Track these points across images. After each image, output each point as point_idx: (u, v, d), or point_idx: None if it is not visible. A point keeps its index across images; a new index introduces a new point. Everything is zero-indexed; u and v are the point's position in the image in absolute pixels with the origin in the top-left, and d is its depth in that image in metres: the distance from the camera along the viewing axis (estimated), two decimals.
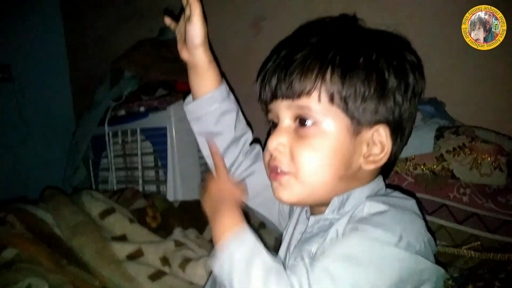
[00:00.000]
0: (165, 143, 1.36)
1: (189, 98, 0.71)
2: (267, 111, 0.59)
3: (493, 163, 0.89)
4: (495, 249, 0.79)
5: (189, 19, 0.63)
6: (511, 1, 0.96)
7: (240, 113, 0.71)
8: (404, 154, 0.98)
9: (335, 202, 0.54)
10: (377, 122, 0.52)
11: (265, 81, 0.56)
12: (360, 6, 1.28)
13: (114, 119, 1.54)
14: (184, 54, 0.66)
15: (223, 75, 0.71)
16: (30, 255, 0.91)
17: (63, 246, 0.97)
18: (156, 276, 0.87)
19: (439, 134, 0.96)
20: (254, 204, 0.73)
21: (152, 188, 1.44)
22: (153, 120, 1.41)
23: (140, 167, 1.46)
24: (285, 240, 0.65)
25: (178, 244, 0.97)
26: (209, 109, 0.67)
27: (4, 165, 2.06)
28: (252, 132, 0.74)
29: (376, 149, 0.53)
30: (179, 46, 0.67)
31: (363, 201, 0.51)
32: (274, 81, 0.54)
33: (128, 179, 1.52)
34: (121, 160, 1.55)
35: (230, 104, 0.69)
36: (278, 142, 0.54)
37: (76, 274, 0.93)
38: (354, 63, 0.51)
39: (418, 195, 0.94)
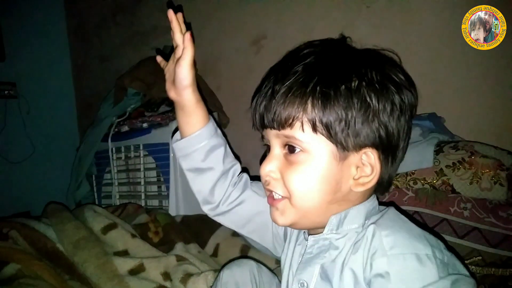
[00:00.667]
0: (168, 158, 1.37)
1: (177, 135, 0.71)
2: (261, 136, 0.61)
3: (493, 178, 0.89)
4: (497, 264, 0.79)
5: (179, 61, 0.64)
6: (511, 1, 0.98)
7: (228, 147, 0.72)
8: (404, 169, 0.99)
9: (333, 221, 0.55)
10: (363, 145, 0.53)
11: (255, 109, 0.58)
12: (359, 23, 1.31)
13: (117, 134, 1.56)
14: (172, 94, 0.67)
15: (210, 112, 0.73)
16: (32, 271, 0.92)
17: (66, 261, 0.97)
18: None
19: (439, 149, 0.97)
20: (246, 231, 0.74)
21: (154, 203, 1.45)
22: (156, 136, 1.42)
23: (142, 182, 1.47)
24: (286, 264, 0.65)
25: (180, 259, 0.97)
26: (198, 147, 0.67)
27: (9, 181, 2.08)
28: (240, 163, 0.76)
29: (367, 170, 0.53)
30: (167, 85, 0.68)
31: (374, 232, 0.50)
32: (262, 110, 0.56)
33: (130, 194, 1.53)
34: (124, 175, 1.56)
35: (217, 139, 0.70)
36: (269, 169, 0.56)
37: None
38: (334, 92, 0.51)
39: (419, 209, 0.94)
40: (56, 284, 0.91)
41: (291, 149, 0.54)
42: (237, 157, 0.76)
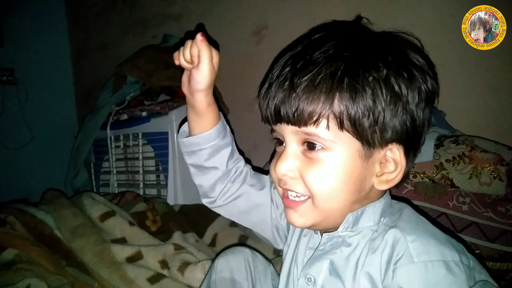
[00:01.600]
0: (166, 147, 1.37)
1: (185, 128, 0.69)
2: (271, 129, 0.56)
3: (493, 173, 0.89)
4: (494, 258, 0.79)
5: (198, 65, 0.60)
6: (511, 1, 0.97)
7: (234, 145, 0.70)
8: None
9: (350, 219, 0.53)
10: (390, 141, 0.50)
11: (268, 100, 0.53)
12: (362, 14, 1.30)
13: (116, 123, 1.56)
14: (185, 90, 0.64)
15: (220, 110, 0.70)
16: (30, 256, 0.91)
17: (63, 248, 0.97)
18: (155, 279, 0.87)
19: (439, 143, 0.97)
20: (245, 223, 0.73)
21: (152, 191, 1.45)
22: (155, 125, 1.42)
23: (141, 170, 1.47)
24: (288, 255, 0.64)
25: (178, 247, 0.97)
26: (204, 147, 0.65)
27: (7, 167, 2.07)
28: (243, 155, 0.74)
29: (390, 166, 0.51)
30: (183, 80, 0.65)
31: (398, 236, 0.48)
32: (278, 103, 0.51)
33: (129, 182, 1.53)
34: (123, 163, 1.56)
35: (225, 140, 0.67)
36: (286, 168, 0.52)
37: (75, 275, 0.94)
38: (362, 83, 0.47)
39: (418, 203, 0.94)
40: (54, 270, 0.91)
41: (310, 145, 0.50)
42: (240, 151, 0.74)
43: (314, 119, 0.48)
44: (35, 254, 0.93)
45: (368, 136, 0.48)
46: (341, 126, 0.48)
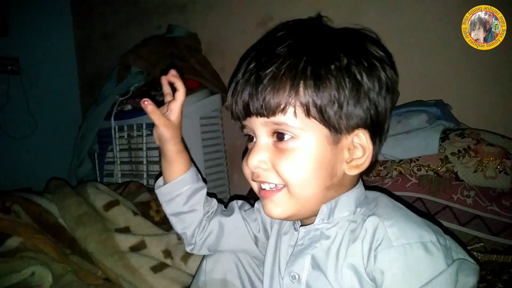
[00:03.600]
0: None
1: (160, 181, 0.73)
2: (241, 126, 0.57)
3: (499, 166, 0.89)
4: (498, 251, 0.79)
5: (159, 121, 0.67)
6: (511, 1, 0.96)
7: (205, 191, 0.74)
8: (409, 155, 0.99)
9: (324, 210, 0.54)
10: (356, 127, 0.51)
11: (237, 97, 0.54)
12: (367, 7, 1.29)
13: (120, 113, 1.55)
14: (157, 142, 0.71)
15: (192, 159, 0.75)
16: (34, 244, 0.92)
17: (67, 236, 0.98)
18: (158, 268, 0.87)
19: (445, 136, 0.96)
20: (232, 249, 0.72)
21: None
22: None
23: (145, 161, 1.47)
24: (268, 258, 0.64)
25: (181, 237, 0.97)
26: (181, 191, 0.70)
27: (11, 157, 2.09)
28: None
29: (358, 152, 0.53)
30: (154, 135, 0.71)
31: (376, 223, 0.49)
32: (246, 98, 0.52)
33: (132, 173, 1.53)
34: (126, 154, 1.56)
35: (199, 183, 0.72)
36: (258, 159, 0.53)
37: (79, 264, 0.95)
38: (325, 72, 0.49)
39: (421, 196, 0.94)
40: (58, 258, 0.92)
41: (280, 136, 0.52)
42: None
43: (281, 107, 0.50)
44: (39, 242, 0.93)
45: (335, 123, 0.50)
46: (308, 113, 0.50)
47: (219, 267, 0.68)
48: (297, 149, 0.51)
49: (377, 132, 0.54)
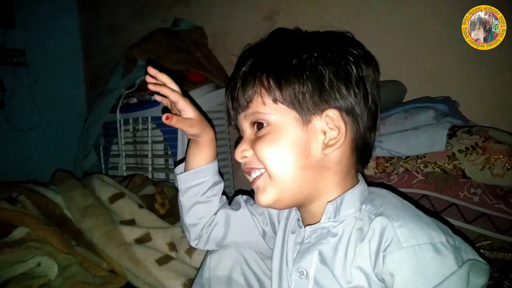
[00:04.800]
0: (176, 131, 1.37)
1: (181, 168, 0.74)
2: (238, 129, 0.64)
3: (507, 164, 0.88)
4: (505, 249, 0.79)
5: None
6: (511, 1, 0.95)
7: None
8: (416, 151, 0.98)
9: (330, 208, 0.55)
10: (324, 108, 0.55)
11: (227, 104, 0.62)
12: (373, 4, 1.28)
13: (126, 106, 1.55)
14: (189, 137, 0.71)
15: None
16: (40, 235, 0.93)
17: (73, 228, 0.99)
18: (163, 260, 0.88)
19: (452, 133, 0.95)
20: (240, 243, 0.73)
21: (161, 175, 1.45)
22: None
23: (150, 154, 1.47)
24: (276, 254, 0.65)
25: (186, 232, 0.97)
26: (205, 179, 0.70)
27: (17, 149, 2.09)
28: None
29: (334, 133, 0.55)
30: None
31: (385, 223, 0.50)
32: (230, 103, 0.61)
33: (137, 166, 1.54)
34: (132, 147, 1.56)
35: (219, 177, 0.74)
36: (240, 149, 0.59)
37: (84, 255, 0.95)
38: (287, 66, 0.54)
39: (427, 193, 0.93)
40: (63, 249, 0.93)
41: (259, 126, 0.57)
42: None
43: (250, 98, 0.57)
44: (45, 233, 0.94)
45: (301, 107, 0.54)
46: (275, 100, 0.55)
47: (223, 264, 0.68)
48: (271, 132, 0.56)
49: (350, 113, 0.56)
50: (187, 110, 0.67)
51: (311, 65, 0.54)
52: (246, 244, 0.72)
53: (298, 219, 0.62)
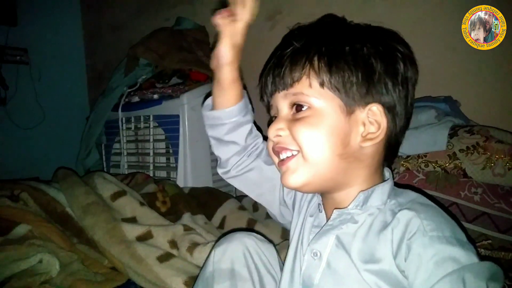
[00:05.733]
0: (177, 130, 1.37)
1: (209, 101, 0.71)
2: (268, 108, 0.63)
3: (508, 164, 0.88)
4: (506, 248, 0.79)
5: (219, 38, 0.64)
6: (511, 1, 0.95)
7: (253, 125, 0.73)
8: (416, 151, 0.98)
9: (361, 197, 0.55)
10: (369, 101, 0.55)
11: (264, 80, 0.61)
12: (375, 2, 1.28)
13: (128, 105, 1.56)
14: (213, 64, 0.67)
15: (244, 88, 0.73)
16: (42, 232, 0.93)
17: (75, 225, 0.99)
18: (165, 258, 0.87)
19: (453, 133, 0.96)
20: (255, 195, 0.75)
21: (162, 174, 1.46)
22: (166, 108, 1.42)
23: (151, 153, 1.48)
24: (295, 235, 0.65)
25: (187, 228, 0.97)
26: (226, 121, 0.68)
27: (19, 146, 2.10)
28: (262, 133, 0.76)
29: (372, 128, 0.55)
30: (213, 54, 0.67)
31: (411, 216, 0.50)
32: (270, 79, 0.59)
33: (139, 164, 1.54)
34: (133, 145, 1.57)
35: (246, 117, 0.70)
36: (276, 128, 0.57)
37: (86, 252, 0.96)
38: (339, 51, 0.54)
39: (428, 192, 0.93)
40: (65, 247, 0.93)
41: (298, 108, 0.56)
42: (259, 129, 0.76)
43: (297, 78, 0.55)
44: (47, 230, 0.94)
45: (347, 96, 0.54)
46: (322, 84, 0.54)
47: (227, 257, 0.67)
48: (312, 116, 0.55)
49: (392, 111, 0.56)
50: (239, 34, 0.63)
51: (363, 55, 0.54)
52: (262, 196, 0.74)
53: (320, 203, 0.62)
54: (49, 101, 2.19)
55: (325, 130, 0.54)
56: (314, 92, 0.54)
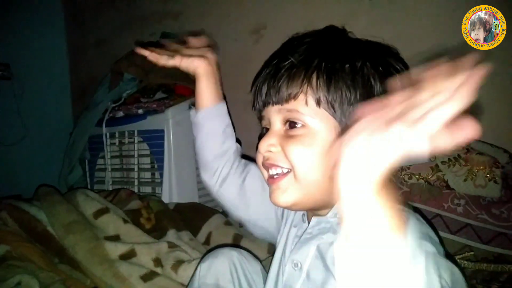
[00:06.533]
0: (162, 145, 1.36)
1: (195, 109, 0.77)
2: (260, 118, 0.62)
3: (488, 175, 0.90)
4: (488, 260, 0.80)
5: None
6: (511, 1, 0.98)
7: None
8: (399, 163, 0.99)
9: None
10: None
11: (257, 89, 0.59)
12: (361, 15, 1.30)
13: (112, 120, 1.54)
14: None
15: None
16: (21, 253, 0.90)
17: (56, 245, 0.96)
18: (148, 277, 0.86)
19: None
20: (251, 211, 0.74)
21: (147, 189, 1.44)
22: (151, 123, 1.41)
23: (136, 168, 1.46)
24: (280, 245, 0.65)
25: (172, 245, 0.96)
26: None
27: (1, 163, 2.05)
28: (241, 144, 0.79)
29: None
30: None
31: None
32: (264, 89, 0.57)
33: (124, 180, 1.52)
34: (118, 161, 1.55)
35: (220, 122, 0.76)
36: (268, 143, 0.56)
37: (67, 273, 0.93)
38: (339, 69, 0.52)
39: (413, 204, 0.94)
40: (46, 267, 0.90)
41: (292, 125, 0.55)
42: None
43: (294, 94, 0.53)
44: (27, 250, 0.92)
45: (343, 117, 0.53)
46: (318, 103, 0.52)
47: (212, 272, 0.67)
48: (306, 135, 0.53)
49: None
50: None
51: (363, 75, 0.53)
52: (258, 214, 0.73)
53: (304, 214, 0.62)
54: (31, 116, 2.16)
55: (318, 151, 0.53)
56: (310, 111, 0.53)
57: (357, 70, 0.52)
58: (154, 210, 1.14)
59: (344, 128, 0.52)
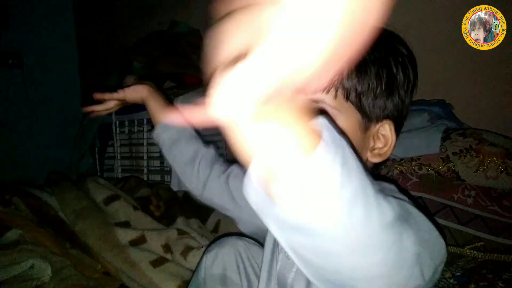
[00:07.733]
0: None
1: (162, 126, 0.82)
2: None
3: (500, 167, 0.88)
4: (499, 251, 0.79)
5: None
6: (511, 1, 0.96)
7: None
8: (410, 153, 0.99)
9: None
10: (384, 117, 0.53)
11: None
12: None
13: (121, 108, 1.54)
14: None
15: None
16: (34, 237, 0.92)
17: (67, 230, 0.98)
18: (158, 262, 0.87)
19: (446, 136, 0.96)
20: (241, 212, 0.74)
21: (156, 178, 1.45)
22: None
23: (145, 156, 1.47)
24: (270, 234, 0.65)
25: (181, 232, 0.97)
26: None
27: (12, 150, 2.08)
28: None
29: (379, 143, 0.54)
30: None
31: None
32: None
33: (133, 168, 1.53)
34: (127, 149, 1.56)
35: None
36: None
37: (78, 257, 0.94)
38: (368, 59, 0.51)
39: (422, 195, 0.94)
40: (57, 252, 0.92)
41: None
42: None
43: (327, 85, 0.51)
44: (39, 235, 0.93)
45: (368, 110, 0.52)
46: (347, 97, 0.51)
47: (219, 262, 0.67)
48: None
49: (399, 126, 0.55)
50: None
51: (387, 65, 0.52)
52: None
53: None
54: (42, 104, 2.18)
55: None
56: (337, 104, 0.51)
57: (382, 60, 0.52)
58: (164, 198, 1.15)
59: (366, 122, 0.52)
